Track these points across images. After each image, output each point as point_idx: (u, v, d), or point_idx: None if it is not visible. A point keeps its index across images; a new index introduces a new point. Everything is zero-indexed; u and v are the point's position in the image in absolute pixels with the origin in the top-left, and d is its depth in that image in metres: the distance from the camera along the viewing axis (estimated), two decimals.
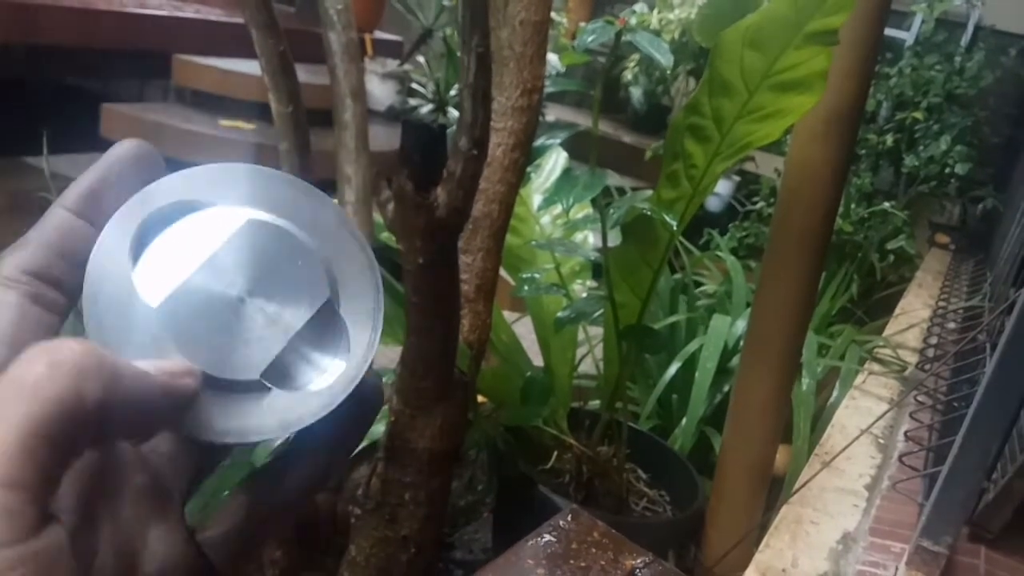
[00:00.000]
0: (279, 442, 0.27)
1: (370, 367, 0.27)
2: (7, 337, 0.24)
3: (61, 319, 0.25)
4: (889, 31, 3.19)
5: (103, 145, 0.27)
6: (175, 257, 0.25)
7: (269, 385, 0.25)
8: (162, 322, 0.24)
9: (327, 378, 0.26)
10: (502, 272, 1.22)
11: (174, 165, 0.26)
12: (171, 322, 0.24)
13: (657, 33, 3.38)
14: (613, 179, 1.18)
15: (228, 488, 0.28)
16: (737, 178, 3.59)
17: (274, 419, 0.25)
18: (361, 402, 0.27)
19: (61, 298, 0.25)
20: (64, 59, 3.13)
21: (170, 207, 0.25)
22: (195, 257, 0.25)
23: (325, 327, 0.26)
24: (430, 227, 0.80)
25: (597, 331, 1.61)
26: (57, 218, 0.25)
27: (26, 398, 0.20)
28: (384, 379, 1.37)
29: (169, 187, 0.26)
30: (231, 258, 0.25)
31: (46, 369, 0.20)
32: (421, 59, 3.50)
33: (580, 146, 1.29)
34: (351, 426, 0.28)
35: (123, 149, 0.26)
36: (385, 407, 0.97)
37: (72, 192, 0.26)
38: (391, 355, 1.08)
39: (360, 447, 0.89)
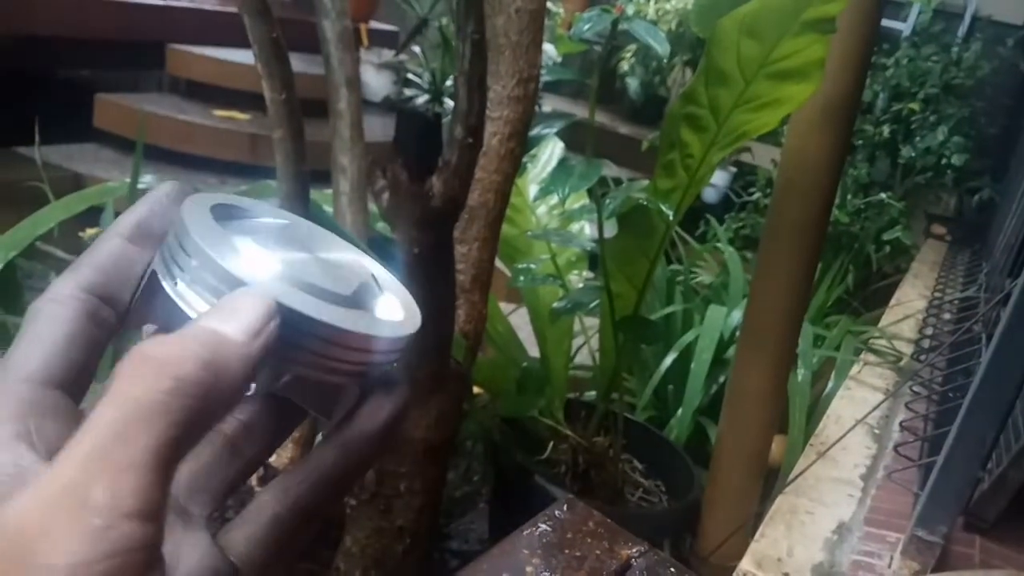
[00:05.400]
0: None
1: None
2: (61, 351, 0.25)
3: (110, 336, 0.26)
4: (886, 22, 3.19)
5: (97, 135, 0.27)
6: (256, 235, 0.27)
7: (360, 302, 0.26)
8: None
9: (397, 313, 0.28)
10: (498, 262, 1.21)
11: (168, 155, 0.27)
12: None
13: (654, 23, 3.37)
14: (609, 169, 1.17)
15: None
16: (733, 169, 3.59)
17: (364, 322, 0.26)
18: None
19: (112, 315, 0.26)
20: (58, 49, 3.11)
21: (236, 209, 0.28)
22: (268, 229, 0.27)
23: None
24: (425, 216, 0.79)
25: (593, 322, 1.61)
26: (111, 242, 0.27)
27: (154, 421, 0.19)
28: None
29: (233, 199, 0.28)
30: (299, 237, 0.28)
31: (167, 391, 0.20)
32: (417, 49, 3.48)
33: (576, 136, 1.28)
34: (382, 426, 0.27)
35: (168, 187, 0.28)
36: None
37: (125, 221, 0.27)
38: None
39: None
